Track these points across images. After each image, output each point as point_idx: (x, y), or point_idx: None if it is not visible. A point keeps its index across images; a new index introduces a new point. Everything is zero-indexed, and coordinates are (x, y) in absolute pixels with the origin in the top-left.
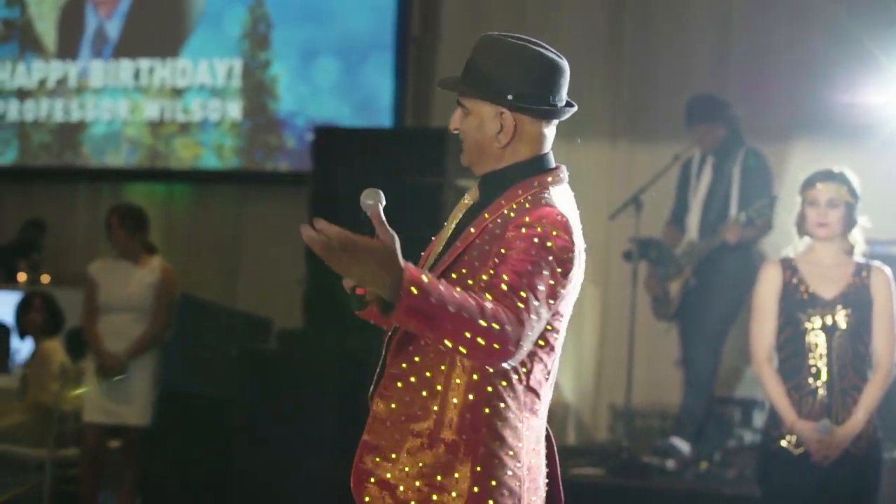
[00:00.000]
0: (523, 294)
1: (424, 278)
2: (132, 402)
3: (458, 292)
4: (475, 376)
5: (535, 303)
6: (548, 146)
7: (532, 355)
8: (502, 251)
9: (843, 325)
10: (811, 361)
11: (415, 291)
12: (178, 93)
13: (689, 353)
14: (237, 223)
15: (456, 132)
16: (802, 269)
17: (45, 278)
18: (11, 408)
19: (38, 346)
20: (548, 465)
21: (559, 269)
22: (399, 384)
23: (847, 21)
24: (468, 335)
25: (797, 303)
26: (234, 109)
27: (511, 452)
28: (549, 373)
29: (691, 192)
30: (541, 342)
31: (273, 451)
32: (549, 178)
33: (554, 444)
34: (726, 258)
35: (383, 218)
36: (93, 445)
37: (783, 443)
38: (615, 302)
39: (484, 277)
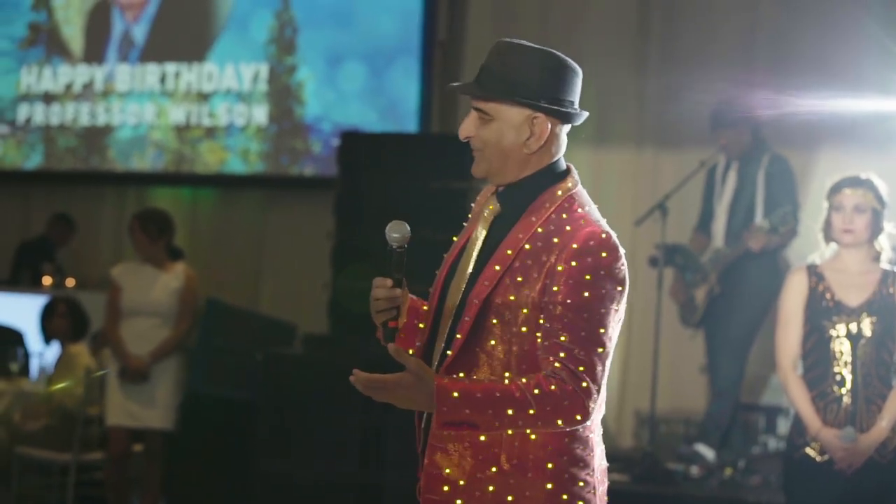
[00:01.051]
0: (583, 363)
1: (456, 391)
2: (155, 405)
3: (509, 390)
4: None
5: (599, 350)
6: (563, 150)
7: None
8: (555, 289)
9: (868, 332)
10: (836, 369)
11: (445, 409)
12: (204, 97)
13: (715, 359)
14: (262, 228)
15: (467, 140)
16: (828, 276)
17: (70, 282)
18: (37, 411)
19: (64, 350)
20: None
21: (619, 288)
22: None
23: (873, 27)
24: (521, 423)
25: (823, 310)
26: (260, 114)
27: (581, 464)
28: (605, 374)
29: (716, 198)
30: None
31: (297, 456)
32: (570, 184)
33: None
34: (751, 265)
35: (402, 352)
36: (118, 449)
37: (808, 450)
38: (640, 308)
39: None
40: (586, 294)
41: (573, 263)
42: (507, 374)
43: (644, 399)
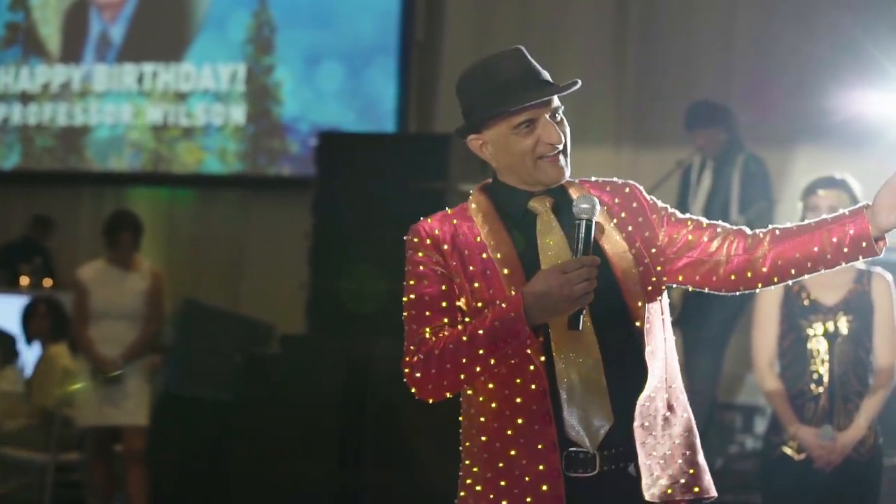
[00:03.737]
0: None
1: None
2: (127, 403)
3: None
4: (672, 363)
5: None
6: None
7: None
8: (671, 217)
9: (844, 331)
10: (813, 368)
11: None
12: (181, 97)
13: (691, 359)
14: (240, 228)
15: (561, 144)
16: None
17: (48, 282)
18: (17, 411)
19: (44, 350)
20: None
21: None
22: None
23: (851, 28)
24: None
25: (799, 309)
26: (238, 114)
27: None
28: None
29: (691, 197)
30: None
31: (275, 456)
32: None
33: None
34: None
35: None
36: (97, 449)
37: (785, 449)
38: None
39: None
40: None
41: (651, 201)
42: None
43: None
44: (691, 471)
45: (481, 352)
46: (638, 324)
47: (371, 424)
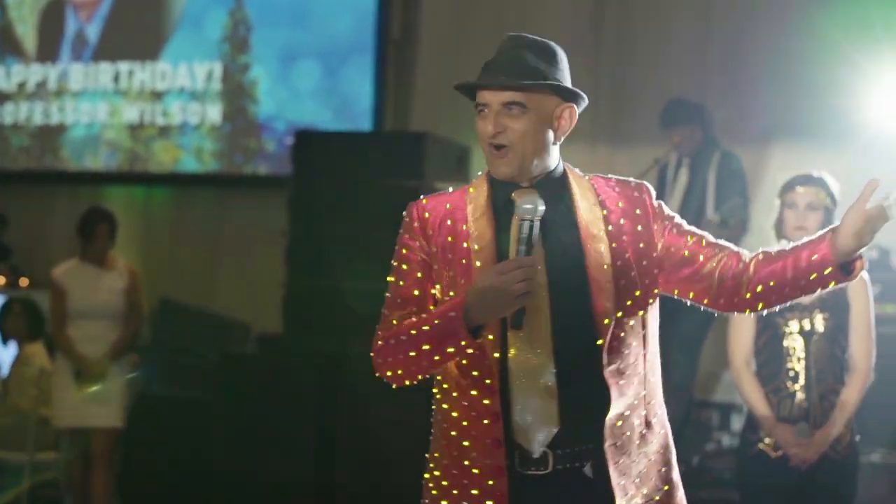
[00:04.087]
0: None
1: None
2: (107, 404)
3: None
4: (652, 378)
5: None
6: None
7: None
8: (674, 229)
9: (820, 328)
10: (789, 365)
11: None
12: (157, 96)
13: (667, 356)
14: (216, 227)
15: (495, 139)
16: None
17: (24, 282)
18: None
19: (21, 350)
20: None
21: None
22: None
23: (826, 25)
24: None
25: None
26: (214, 113)
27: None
28: None
29: (667, 195)
30: None
31: (251, 455)
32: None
33: None
34: None
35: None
36: (76, 449)
37: (761, 446)
38: None
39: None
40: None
41: (666, 212)
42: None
43: None
44: (665, 487)
45: (426, 347)
46: (599, 342)
47: (346, 423)
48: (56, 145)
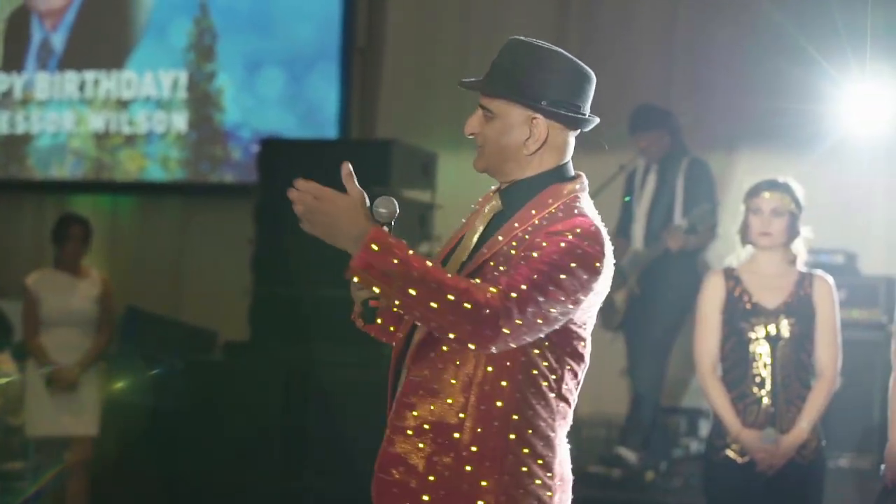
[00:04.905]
0: (524, 287)
1: (391, 239)
2: (81, 413)
3: (435, 267)
4: (503, 383)
5: (540, 299)
6: (570, 154)
7: (562, 363)
8: (532, 254)
9: (786, 334)
10: (755, 371)
11: (375, 248)
12: (123, 104)
13: (635, 362)
14: (183, 235)
15: (471, 137)
16: (745, 278)
17: None
18: None
19: None
20: None
21: (585, 276)
22: (422, 392)
23: (791, 30)
24: (435, 306)
25: (741, 312)
26: (180, 121)
27: (541, 461)
28: (578, 382)
29: (635, 201)
30: (569, 350)
31: (219, 462)
32: (577, 186)
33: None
34: (671, 267)
35: (354, 177)
36: (48, 458)
37: (728, 452)
38: None
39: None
40: (555, 257)
41: (553, 235)
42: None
43: None
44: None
45: None
46: (445, 348)
47: (313, 431)
48: (22, 154)
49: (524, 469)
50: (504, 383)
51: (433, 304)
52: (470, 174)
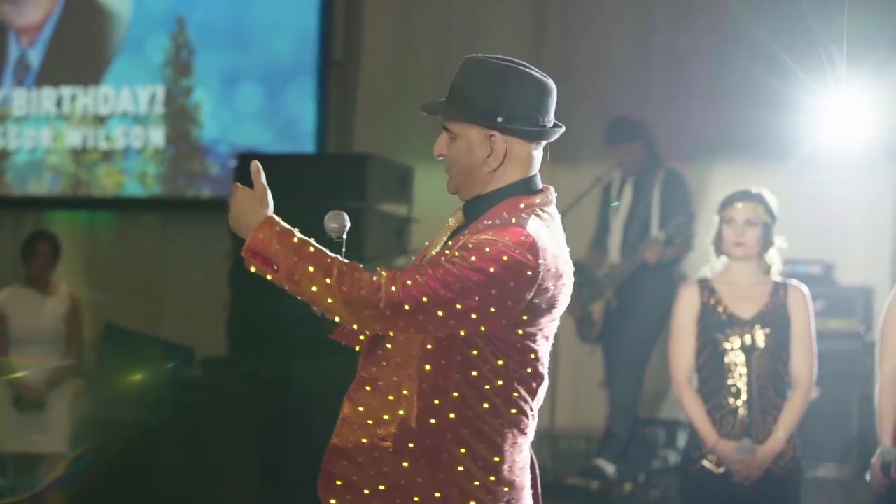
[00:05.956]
0: (419, 278)
1: (279, 228)
2: (51, 430)
3: (323, 254)
4: (440, 381)
5: (441, 292)
6: (536, 168)
7: (509, 370)
8: (455, 253)
9: (761, 344)
10: (731, 381)
11: (261, 236)
12: (100, 120)
13: (613, 374)
14: (161, 250)
15: (441, 158)
16: (720, 289)
17: None
18: None
19: None
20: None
21: (511, 283)
22: (368, 388)
23: (767, 40)
24: (315, 289)
25: (716, 323)
26: (157, 136)
27: (480, 463)
28: (534, 393)
29: (612, 213)
30: (517, 358)
31: (197, 478)
32: (538, 200)
33: (537, 470)
34: (648, 279)
35: (262, 173)
36: (18, 475)
37: (705, 463)
38: None
39: None
40: (473, 258)
41: (481, 237)
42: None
43: (543, 415)
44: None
45: None
46: (389, 346)
47: (292, 445)
48: None
49: (460, 469)
50: (441, 381)
51: (314, 288)
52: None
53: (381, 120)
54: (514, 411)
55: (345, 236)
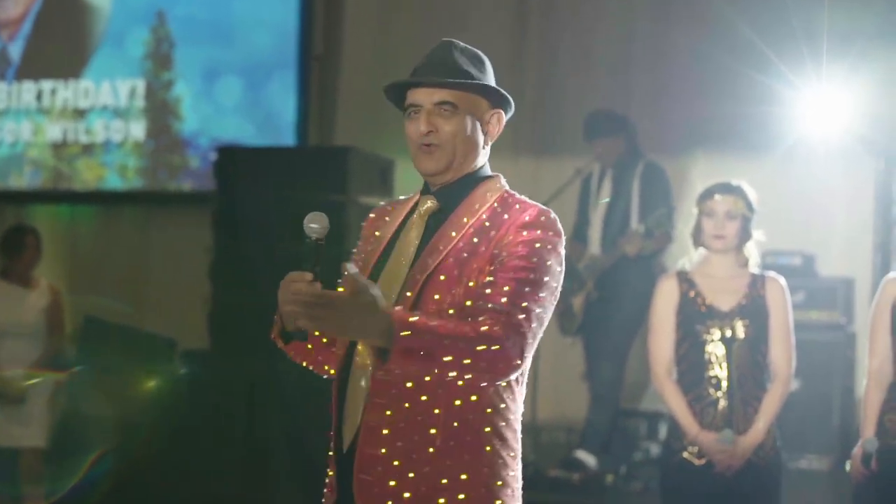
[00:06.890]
0: (525, 305)
1: (411, 318)
2: (30, 424)
3: (448, 321)
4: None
5: (538, 310)
6: None
7: None
8: (502, 254)
9: (741, 335)
10: (711, 372)
11: (406, 333)
12: (80, 114)
13: (593, 366)
14: (142, 244)
15: (428, 135)
16: (699, 281)
17: None
18: None
19: None
20: None
21: (559, 268)
22: (394, 390)
23: (748, 33)
24: (468, 362)
25: (695, 315)
26: (138, 130)
27: (512, 454)
28: (536, 338)
29: (592, 206)
30: None
31: (179, 474)
32: (503, 180)
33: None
34: (628, 271)
35: (356, 270)
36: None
37: (685, 454)
38: None
39: (480, 286)
40: (535, 259)
41: (524, 233)
42: None
43: (525, 407)
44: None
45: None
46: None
47: (275, 440)
48: None
49: (500, 460)
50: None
51: (466, 361)
52: None
53: (362, 113)
54: (520, 400)
55: (324, 239)
